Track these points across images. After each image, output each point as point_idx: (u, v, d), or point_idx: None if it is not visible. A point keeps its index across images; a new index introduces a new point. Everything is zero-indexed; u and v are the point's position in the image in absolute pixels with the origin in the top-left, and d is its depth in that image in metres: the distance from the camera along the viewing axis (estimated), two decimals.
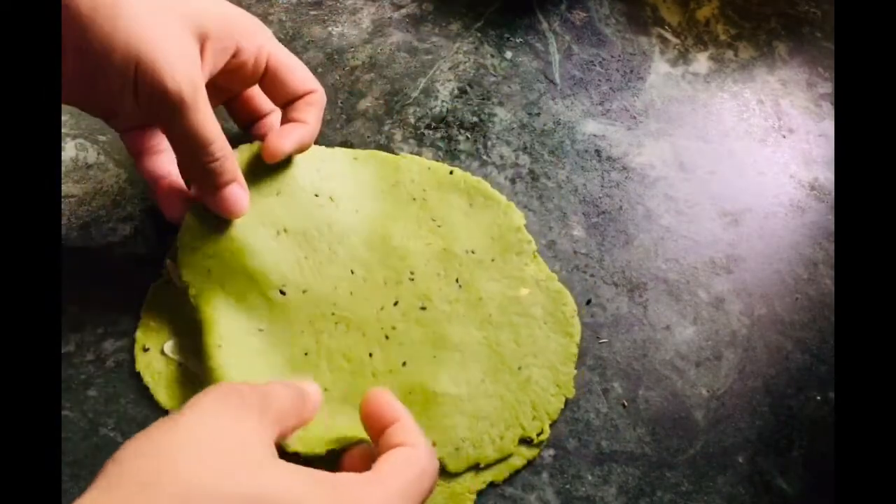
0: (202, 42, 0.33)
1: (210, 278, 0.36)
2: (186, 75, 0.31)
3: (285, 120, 0.38)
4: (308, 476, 0.25)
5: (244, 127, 0.42)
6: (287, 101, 0.38)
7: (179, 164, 0.36)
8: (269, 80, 0.37)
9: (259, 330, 0.36)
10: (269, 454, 0.25)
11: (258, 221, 0.37)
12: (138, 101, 0.32)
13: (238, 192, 0.36)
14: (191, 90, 0.32)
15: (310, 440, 0.32)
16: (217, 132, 0.33)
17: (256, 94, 0.41)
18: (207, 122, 0.33)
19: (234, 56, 0.35)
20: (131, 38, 0.30)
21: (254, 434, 0.25)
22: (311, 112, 0.38)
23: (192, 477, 0.22)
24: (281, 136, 0.37)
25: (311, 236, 0.38)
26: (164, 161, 0.38)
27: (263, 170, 0.38)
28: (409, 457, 0.28)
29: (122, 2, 0.30)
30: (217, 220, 0.36)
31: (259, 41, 0.36)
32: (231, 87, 0.38)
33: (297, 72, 0.38)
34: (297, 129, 0.37)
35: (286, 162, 0.38)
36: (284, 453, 0.32)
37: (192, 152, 0.33)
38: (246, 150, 0.38)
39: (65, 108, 0.43)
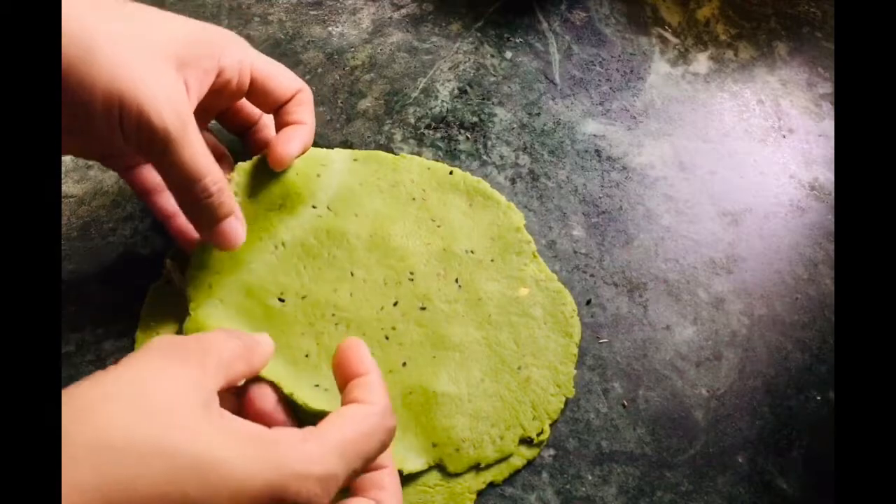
0: (183, 70, 0.32)
1: (210, 293, 0.36)
2: (172, 110, 0.30)
3: (280, 124, 0.38)
4: (237, 432, 0.24)
5: (238, 135, 0.41)
6: (276, 107, 0.38)
7: (175, 200, 0.34)
8: (255, 91, 0.37)
9: None
10: (204, 405, 0.25)
11: (256, 237, 0.37)
12: (126, 141, 0.31)
13: (234, 226, 0.35)
14: (179, 125, 0.31)
15: None
16: (209, 165, 0.32)
17: (244, 103, 0.40)
18: (198, 156, 0.32)
19: (218, 76, 0.34)
20: (112, 79, 0.29)
21: (192, 384, 0.25)
22: (305, 111, 0.38)
23: (105, 428, 0.22)
24: (285, 143, 0.37)
25: (310, 245, 0.38)
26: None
27: (261, 186, 0.38)
28: (359, 413, 0.27)
29: (97, 43, 0.29)
30: None
31: (238, 56, 0.35)
32: (218, 105, 0.37)
33: (280, 77, 0.37)
34: (298, 132, 0.37)
35: (284, 172, 0.38)
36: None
37: (185, 188, 0.32)
38: (243, 170, 0.38)
39: None
